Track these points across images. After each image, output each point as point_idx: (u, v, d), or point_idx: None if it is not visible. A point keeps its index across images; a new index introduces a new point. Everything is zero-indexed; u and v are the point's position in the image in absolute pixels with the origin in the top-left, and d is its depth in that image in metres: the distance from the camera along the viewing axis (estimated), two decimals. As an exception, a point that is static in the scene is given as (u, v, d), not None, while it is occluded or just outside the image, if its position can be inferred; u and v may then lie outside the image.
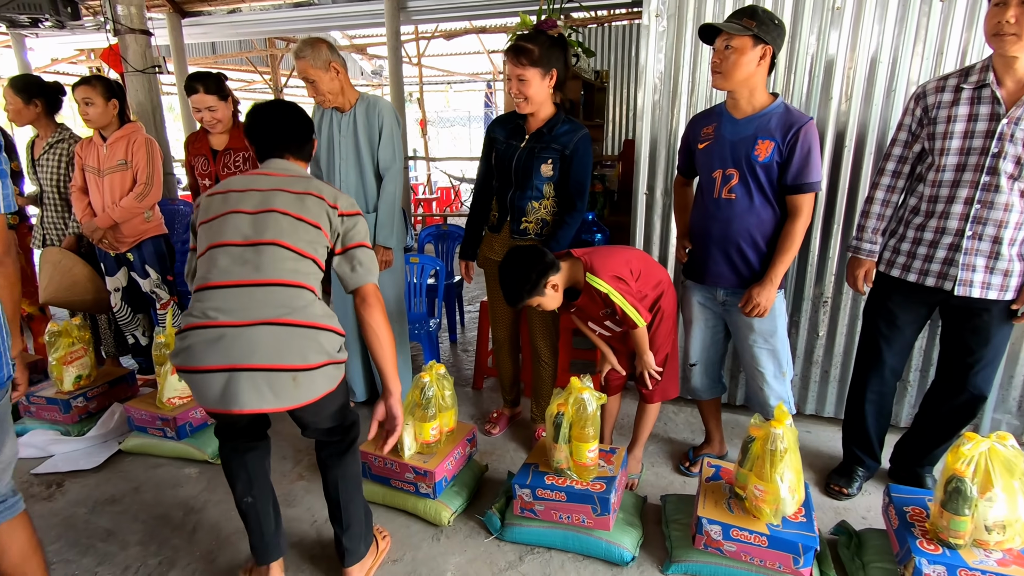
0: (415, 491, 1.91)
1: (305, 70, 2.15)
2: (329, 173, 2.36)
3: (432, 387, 1.90)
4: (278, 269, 1.38)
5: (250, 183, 1.50)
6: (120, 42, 3.26)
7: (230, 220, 1.43)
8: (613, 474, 1.79)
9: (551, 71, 1.98)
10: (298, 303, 1.37)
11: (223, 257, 1.39)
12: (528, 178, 2.09)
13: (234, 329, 1.31)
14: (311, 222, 1.45)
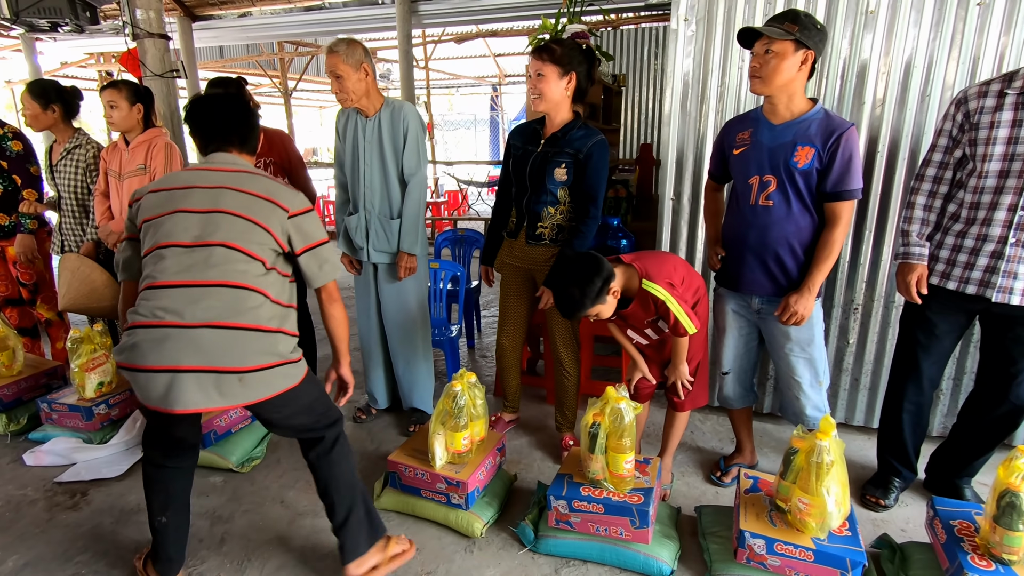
0: (447, 501, 1.88)
1: (336, 65, 2.13)
2: (353, 178, 2.34)
3: (464, 396, 1.87)
4: (226, 271, 1.38)
5: (193, 179, 1.48)
6: (139, 46, 3.25)
7: (176, 219, 1.41)
8: (650, 485, 1.76)
9: (570, 73, 1.98)
10: (245, 305, 1.37)
11: (170, 257, 1.38)
12: (542, 183, 2.08)
13: (179, 330, 1.32)
14: (261, 224, 1.43)
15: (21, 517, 1.99)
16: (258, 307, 1.40)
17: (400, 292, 2.39)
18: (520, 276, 2.28)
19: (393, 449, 2.38)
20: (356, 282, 2.52)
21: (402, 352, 2.48)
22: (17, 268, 2.90)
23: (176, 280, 1.36)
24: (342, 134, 2.35)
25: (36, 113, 2.65)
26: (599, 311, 1.76)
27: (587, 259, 1.75)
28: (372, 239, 2.33)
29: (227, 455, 2.23)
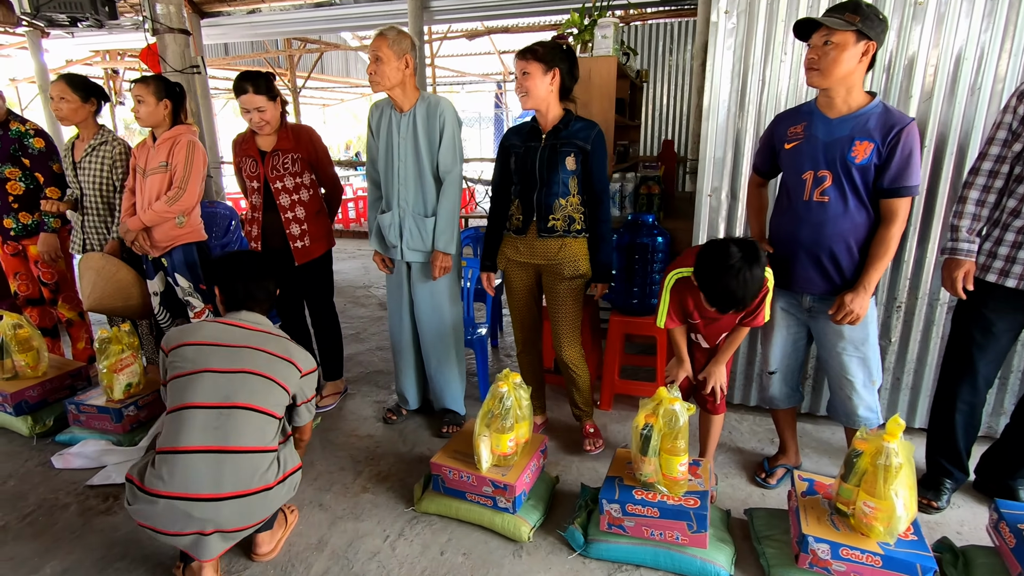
0: (493, 505, 1.84)
1: (380, 47, 2.10)
2: (387, 175, 2.29)
3: (510, 396, 1.83)
4: (245, 435, 1.52)
5: (223, 335, 1.65)
6: (159, 42, 3.20)
7: (203, 380, 1.56)
8: (704, 488, 1.72)
9: (553, 70, 2.01)
10: (260, 470, 1.53)
11: (192, 420, 1.51)
12: (554, 173, 2.06)
13: (202, 504, 1.45)
14: (282, 384, 1.62)
15: (55, 522, 1.95)
16: (268, 468, 1.55)
17: (434, 292, 2.34)
18: (528, 273, 2.25)
19: (427, 450, 2.36)
20: (388, 281, 2.48)
21: (435, 352, 2.43)
22: (39, 267, 2.85)
23: (195, 446, 1.49)
24: (375, 129, 2.30)
25: (77, 106, 2.60)
26: None
27: (745, 243, 1.67)
28: (406, 237, 2.28)
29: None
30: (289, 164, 2.48)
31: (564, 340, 2.24)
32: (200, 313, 2.68)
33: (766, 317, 1.84)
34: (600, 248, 2.12)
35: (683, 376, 2.00)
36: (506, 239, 2.25)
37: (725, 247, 1.66)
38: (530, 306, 2.30)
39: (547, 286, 2.21)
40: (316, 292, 2.67)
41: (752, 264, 1.63)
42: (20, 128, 2.69)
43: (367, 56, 2.26)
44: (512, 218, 2.20)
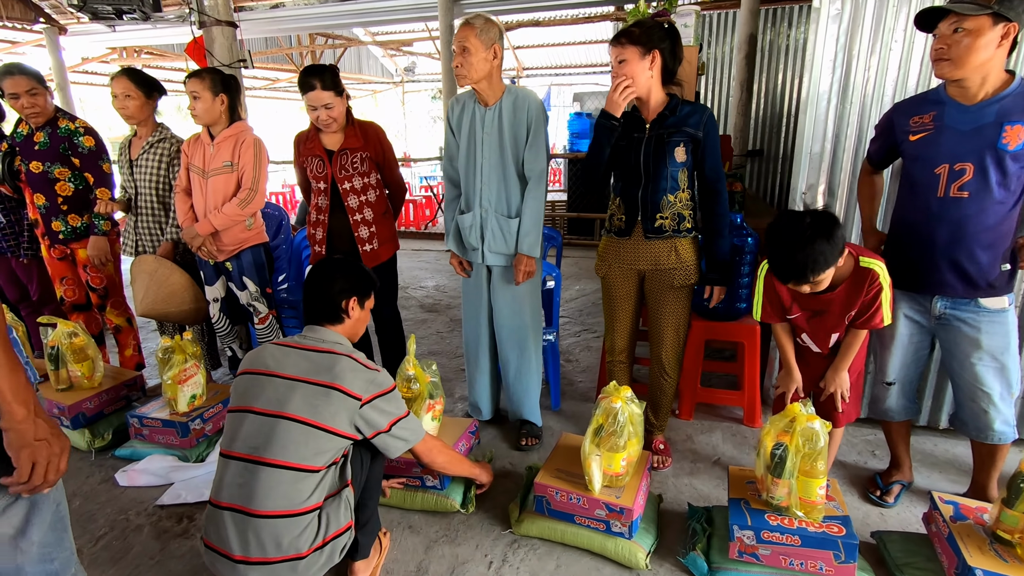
0: (605, 529, 1.70)
1: (467, 37, 1.96)
2: (468, 173, 2.15)
3: (624, 412, 1.69)
4: (270, 497, 1.37)
5: (280, 363, 1.50)
6: (205, 35, 3.06)
7: (243, 423, 1.45)
8: (843, 512, 1.58)
9: (652, 52, 1.82)
10: (290, 533, 1.38)
11: (224, 470, 1.43)
12: (662, 168, 1.90)
13: (231, 565, 1.37)
14: (327, 428, 1.43)
15: (131, 546, 1.83)
16: (300, 533, 1.39)
17: (516, 297, 2.20)
18: (631, 278, 2.09)
19: (508, 464, 2.23)
20: (465, 285, 2.34)
21: (514, 361, 2.30)
22: (88, 272, 2.73)
23: (226, 503, 1.40)
24: (456, 125, 2.16)
25: (141, 102, 2.49)
26: (822, 279, 1.60)
27: (821, 213, 1.59)
28: (488, 240, 2.14)
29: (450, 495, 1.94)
30: (358, 163, 2.35)
31: (668, 344, 2.10)
32: (264, 319, 2.56)
33: (886, 319, 1.68)
34: (717, 247, 1.97)
35: (794, 388, 1.87)
36: (608, 242, 2.10)
37: (796, 214, 1.60)
38: (633, 314, 2.15)
39: (652, 293, 2.06)
40: (382, 298, 2.53)
41: (819, 234, 1.54)
42: (70, 126, 2.56)
43: (378, 53, 2.12)
44: (614, 218, 2.05)
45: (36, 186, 2.57)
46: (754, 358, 2.44)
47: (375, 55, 14.74)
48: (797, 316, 1.81)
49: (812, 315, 1.78)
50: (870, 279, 1.64)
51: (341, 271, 1.65)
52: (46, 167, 2.54)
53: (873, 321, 1.68)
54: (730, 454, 2.30)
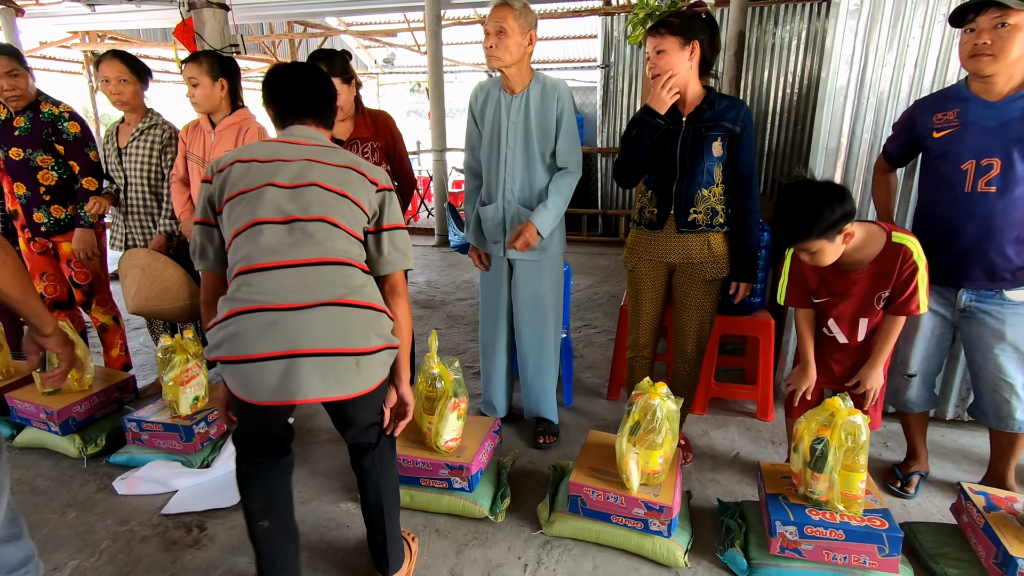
0: (643, 528, 1.67)
1: (505, 18, 1.89)
2: (491, 164, 2.08)
3: (662, 409, 1.66)
4: (329, 248, 1.27)
5: (275, 151, 1.36)
6: (195, 17, 2.91)
7: (269, 194, 1.28)
8: (882, 506, 1.59)
9: (692, 43, 1.79)
10: (355, 282, 1.28)
11: (268, 234, 1.25)
12: (698, 162, 1.88)
13: (290, 312, 1.19)
14: (353, 199, 1.34)
15: (138, 559, 1.71)
16: (366, 283, 1.30)
17: (538, 293, 2.15)
18: (660, 272, 2.06)
19: (528, 463, 2.19)
20: (483, 278, 2.28)
21: (532, 358, 2.25)
22: (72, 267, 2.56)
23: (277, 261, 1.23)
24: (479, 113, 2.09)
25: (136, 87, 2.34)
26: (821, 249, 1.58)
27: (830, 185, 1.58)
28: (509, 233, 2.09)
29: (478, 500, 1.87)
30: (368, 153, 2.26)
31: (693, 338, 2.08)
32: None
33: (922, 305, 1.65)
34: (746, 242, 1.94)
35: (806, 385, 1.85)
36: (637, 234, 2.06)
37: (807, 180, 1.62)
38: (659, 308, 2.12)
39: (680, 286, 2.04)
40: (392, 293, 2.44)
41: (827, 195, 1.54)
42: (53, 111, 2.39)
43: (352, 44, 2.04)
44: (644, 211, 2.01)
45: (16, 174, 2.39)
46: (768, 352, 2.45)
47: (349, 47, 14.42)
48: (824, 300, 1.78)
49: (841, 298, 1.74)
50: (903, 256, 1.61)
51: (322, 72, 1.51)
52: (27, 154, 2.36)
53: (909, 306, 1.65)
54: (748, 448, 2.30)
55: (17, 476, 2.11)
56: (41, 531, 1.83)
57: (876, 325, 1.75)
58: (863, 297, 1.71)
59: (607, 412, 2.62)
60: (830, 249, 1.59)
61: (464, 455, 1.86)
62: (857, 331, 1.78)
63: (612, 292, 4.51)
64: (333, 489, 2.04)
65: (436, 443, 1.86)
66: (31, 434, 2.26)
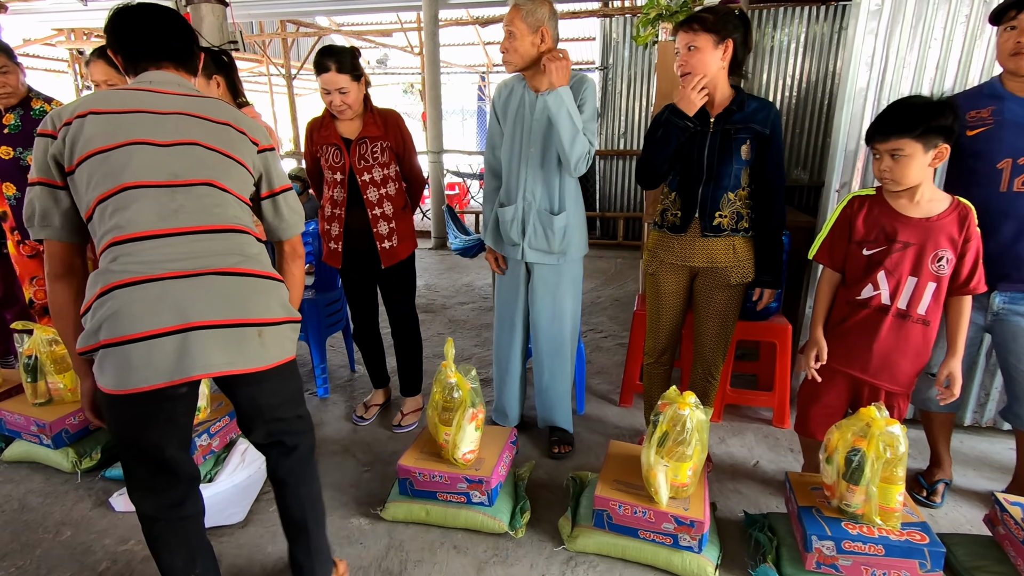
0: (672, 543, 1.61)
1: (512, 20, 1.83)
2: (511, 164, 2.01)
3: (692, 419, 1.60)
4: (219, 215, 1.14)
5: (141, 101, 1.16)
6: (193, 13, 2.82)
7: (139, 153, 1.11)
8: (919, 519, 1.54)
9: (725, 41, 1.74)
10: (251, 250, 1.18)
11: (144, 200, 1.09)
12: (726, 165, 1.82)
13: (179, 281, 1.06)
14: (239, 160, 1.22)
15: (141, 582, 1.62)
16: (261, 252, 1.20)
17: (556, 299, 2.09)
18: (682, 276, 2.00)
19: (544, 475, 2.12)
20: (499, 282, 2.21)
21: (549, 365, 2.18)
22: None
23: (159, 229, 1.08)
24: (501, 111, 2.03)
25: None
26: (913, 153, 1.49)
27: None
28: (528, 235, 2.02)
29: (497, 515, 1.80)
30: (378, 153, 2.18)
31: (714, 344, 2.02)
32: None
33: (981, 280, 1.58)
34: (770, 247, 1.89)
35: (814, 352, 1.71)
36: (658, 237, 2.00)
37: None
38: (679, 313, 2.06)
39: (702, 291, 1.98)
40: (399, 298, 2.37)
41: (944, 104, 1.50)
42: (45, 108, 2.29)
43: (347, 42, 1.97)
44: (667, 213, 1.95)
45: (5, 174, 2.29)
46: (786, 358, 2.40)
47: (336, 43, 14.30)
48: (878, 249, 1.62)
49: (899, 247, 1.59)
50: (969, 219, 1.55)
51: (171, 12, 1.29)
52: (17, 153, 2.26)
53: (973, 281, 1.57)
54: (768, 457, 2.25)
55: (6, 492, 2.00)
56: (34, 552, 1.72)
57: (918, 295, 1.60)
58: (920, 250, 1.58)
59: (620, 419, 2.56)
60: (918, 161, 1.50)
61: (483, 468, 1.79)
62: (901, 290, 1.60)
63: (615, 296, 4.46)
64: (343, 503, 1.95)
65: (453, 455, 1.78)
66: (21, 447, 2.15)
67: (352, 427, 2.47)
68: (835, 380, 1.74)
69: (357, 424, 2.48)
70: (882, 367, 1.66)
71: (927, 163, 1.52)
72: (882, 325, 1.64)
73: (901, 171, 1.53)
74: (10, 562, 1.69)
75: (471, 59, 14.38)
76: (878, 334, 1.64)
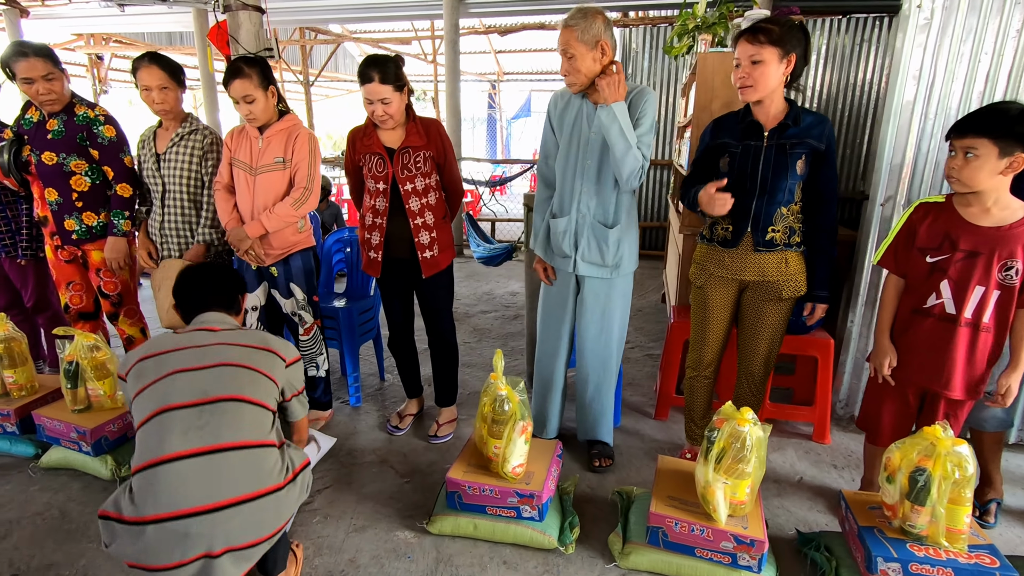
0: (731, 563, 1.58)
1: (568, 42, 1.81)
2: (566, 175, 1.99)
3: (752, 436, 1.57)
4: (240, 430, 1.33)
5: (184, 341, 1.47)
6: (230, 20, 2.82)
7: (176, 381, 1.37)
8: (986, 541, 1.51)
9: (789, 56, 1.72)
10: (265, 467, 1.33)
11: (175, 423, 1.29)
12: (781, 180, 1.80)
13: (201, 518, 1.22)
14: (265, 373, 1.46)
15: (190, 595, 1.59)
16: (274, 464, 1.36)
17: (606, 313, 2.07)
18: (731, 290, 1.98)
19: (587, 488, 2.09)
20: (545, 293, 2.19)
21: (594, 378, 2.16)
22: (101, 276, 2.44)
23: (185, 450, 1.26)
24: (557, 121, 2.02)
25: (177, 94, 2.24)
26: (989, 154, 1.46)
27: None
28: (582, 248, 2.00)
29: (547, 530, 1.77)
30: (421, 163, 2.17)
31: (761, 358, 2.00)
32: (309, 329, 2.34)
33: None
34: (822, 261, 1.87)
35: (886, 360, 1.72)
36: (707, 251, 1.99)
37: None
38: (727, 326, 2.04)
39: (751, 304, 1.96)
40: (439, 308, 2.35)
41: None
42: (88, 113, 2.29)
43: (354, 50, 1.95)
44: (717, 227, 1.94)
45: (48, 179, 2.28)
46: (827, 373, 2.37)
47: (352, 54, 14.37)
48: (943, 257, 1.60)
49: (963, 256, 1.58)
50: None
51: (225, 270, 1.74)
52: (61, 158, 2.26)
53: None
54: (811, 473, 2.22)
55: (46, 500, 1.99)
56: (79, 562, 1.70)
57: (984, 304, 1.58)
58: (988, 259, 1.55)
59: (656, 432, 2.53)
60: (989, 165, 1.47)
61: (533, 482, 1.76)
62: (967, 300, 1.58)
63: (638, 306, 4.44)
64: (386, 515, 1.93)
65: (503, 469, 1.76)
66: (58, 453, 2.13)
67: (387, 437, 2.45)
68: (905, 388, 1.73)
69: (392, 434, 2.46)
70: (948, 376, 1.65)
71: (999, 169, 1.48)
72: (948, 334, 1.62)
73: (970, 172, 1.51)
74: (55, 572, 1.67)
75: (482, 67, 14.49)
76: (945, 343, 1.63)
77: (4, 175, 2.33)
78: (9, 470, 2.16)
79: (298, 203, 2.14)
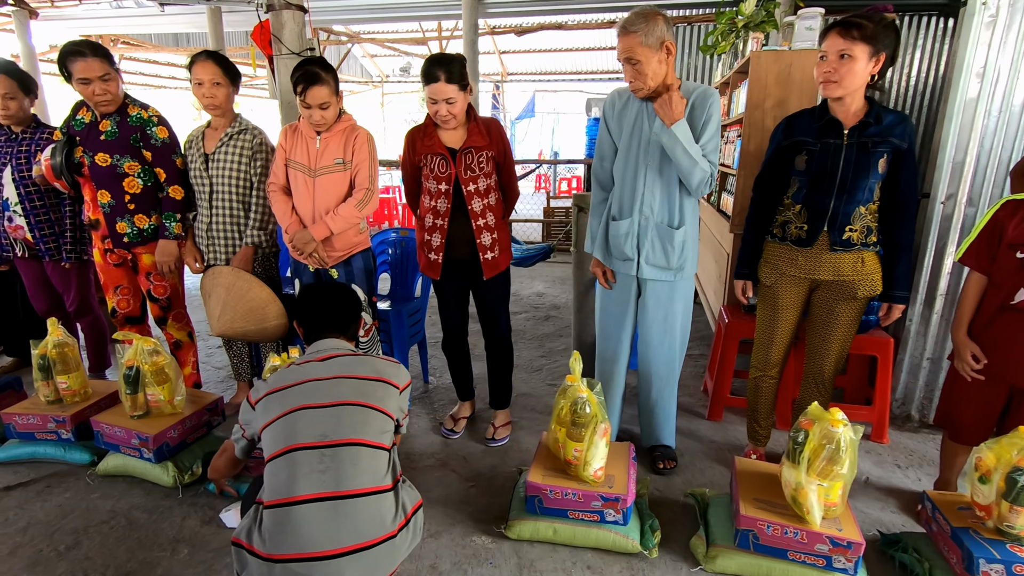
0: (825, 565, 1.56)
1: (632, 49, 1.78)
2: (627, 176, 1.97)
3: (844, 438, 1.56)
4: (359, 476, 1.34)
5: (305, 373, 1.49)
6: (273, 19, 2.79)
7: (300, 419, 1.39)
8: (1085, 541, 1.50)
9: (880, 54, 1.69)
10: (383, 511, 1.34)
11: (301, 464, 1.33)
12: (862, 179, 1.78)
13: (322, 564, 1.26)
14: (383, 411, 1.46)
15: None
16: (389, 510, 1.36)
17: (669, 316, 2.05)
18: (802, 290, 1.97)
19: (655, 491, 2.08)
20: (604, 296, 2.17)
21: (657, 383, 2.14)
22: (151, 280, 2.41)
23: (313, 494, 1.30)
24: (615, 122, 1.99)
25: (229, 91, 2.20)
26: None
27: None
28: (646, 251, 1.98)
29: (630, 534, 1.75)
30: (483, 163, 2.14)
31: (831, 359, 1.99)
32: (368, 330, 2.30)
33: None
34: (901, 262, 1.85)
35: (969, 354, 1.72)
36: (778, 249, 1.96)
37: None
38: (795, 326, 2.03)
39: (823, 304, 1.94)
40: (498, 310, 2.33)
41: None
42: (142, 114, 2.25)
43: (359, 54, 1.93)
44: (790, 226, 1.91)
45: (101, 181, 2.24)
46: (887, 372, 2.36)
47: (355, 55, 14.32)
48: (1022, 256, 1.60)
49: None
50: None
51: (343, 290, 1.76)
52: (115, 160, 2.22)
53: None
54: (876, 473, 2.21)
55: (109, 507, 1.95)
56: (155, 571, 1.67)
57: None
58: None
59: (713, 434, 2.51)
60: None
61: (616, 485, 1.74)
62: None
63: (667, 306, 4.42)
64: (459, 520, 1.90)
65: (584, 473, 1.74)
66: (116, 460, 2.10)
67: (442, 440, 2.42)
68: (991, 386, 1.72)
69: (447, 437, 2.43)
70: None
71: None
72: None
73: None
74: (133, 582, 1.63)
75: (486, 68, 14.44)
76: None
77: (56, 177, 2.28)
78: (65, 478, 2.12)
79: (362, 204, 2.11)
